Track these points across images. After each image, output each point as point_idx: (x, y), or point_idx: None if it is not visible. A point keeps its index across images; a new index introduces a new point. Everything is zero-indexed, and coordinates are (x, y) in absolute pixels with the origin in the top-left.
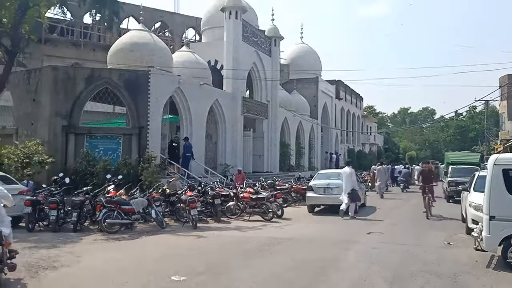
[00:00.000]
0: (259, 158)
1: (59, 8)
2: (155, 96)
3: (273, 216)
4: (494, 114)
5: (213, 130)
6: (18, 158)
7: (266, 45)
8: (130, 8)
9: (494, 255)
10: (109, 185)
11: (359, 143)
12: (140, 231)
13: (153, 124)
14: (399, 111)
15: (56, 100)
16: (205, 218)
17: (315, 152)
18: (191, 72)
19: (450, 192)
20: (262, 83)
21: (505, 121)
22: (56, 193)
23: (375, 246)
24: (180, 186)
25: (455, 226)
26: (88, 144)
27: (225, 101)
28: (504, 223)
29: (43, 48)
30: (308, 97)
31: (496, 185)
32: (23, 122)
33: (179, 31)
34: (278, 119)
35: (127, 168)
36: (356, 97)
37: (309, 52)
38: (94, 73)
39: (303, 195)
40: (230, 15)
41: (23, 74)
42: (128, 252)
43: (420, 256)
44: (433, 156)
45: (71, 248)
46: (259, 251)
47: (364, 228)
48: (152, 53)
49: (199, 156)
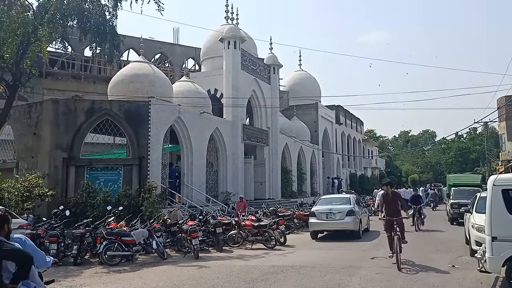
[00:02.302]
0: (261, 185)
1: (60, 43)
2: (156, 126)
3: (276, 244)
4: (494, 135)
5: (214, 158)
6: (18, 192)
7: (265, 73)
8: (130, 40)
9: (498, 276)
10: (109, 216)
11: (360, 167)
12: (141, 262)
13: (154, 154)
14: (400, 134)
15: (56, 133)
16: (207, 248)
17: (317, 177)
18: (191, 102)
19: (453, 214)
20: (262, 110)
21: (505, 141)
22: (57, 226)
23: (379, 271)
24: (181, 215)
25: (459, 248)
26: (88, 175)
27: (225, 129)
28: (506, 243)
29: (44, 82)
30: (309, 122)
31: (496, 205)
32: (24, 155)
33: (179, 61)
34: (279, 145)
35: (127, 199)
36: (356, 121)
37: (308, 79)
38: (94, 105)
39: (306, 221)
40: (229, 45)
41: (24, 108)
42: (128, 285)
43: (425, 280)
44: (435, 179)
45: (71, 282)
46: (262, 280)
47: (368, 253)
48: (152, 84)
49: (200, 185)
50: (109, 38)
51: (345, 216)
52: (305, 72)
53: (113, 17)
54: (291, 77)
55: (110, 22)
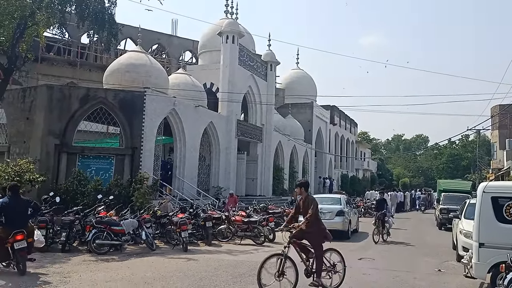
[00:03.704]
0: (252, 181)
1: (57, 29)
2: (150, 117)
3: (264, 240)
4: (486, 143)
5: (207, 152)
6: (8, 176)
7: (262, 69)
8: (128, 29)
9: (483, 282)
10: (99, 205)
11: (352, 168)
12: (129, 252)
13: (147, 145)
14: (393, 138)
15: (49, 119)
16: (196, 241)
17: (309, 176)
18: (186, 94)
19: (442, 219)
20: (257, 106)
21: (497, 150)
22: (46, 212)
23: (366, 272)
24: (171, 208)
25: (446, 253)
26: (80, 163)
27: (219, 123)
28: (493, 250)
29: (39, 67)
30: (303, 121)
31: (485, 212)
32: (16, 140)
33: (176, 53)
34: (272, 142)
35: (118, 189)
36: (350, 123)
37: (304, 77)
38: (89, 92)
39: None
40: (227, 39)
41: (18, 92)
42: (116, 274)
43: (411, 283)
44: (426, 184)
45: (59, 269)
46: (250, 276)
47: (356, 254)
48: (149, 74)
49: (192, 178)
50: (107, 26)
51: (334, 216)
52: (302, 71)
53: (112, 5)
54: (288, 75)
55: (109, 10)
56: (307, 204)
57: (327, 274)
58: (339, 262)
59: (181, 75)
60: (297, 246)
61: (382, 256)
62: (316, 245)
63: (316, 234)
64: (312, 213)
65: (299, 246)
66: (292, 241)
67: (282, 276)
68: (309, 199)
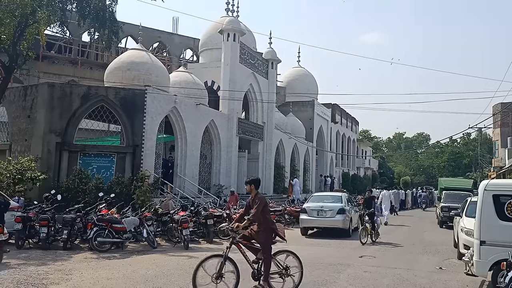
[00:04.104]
0: None
1: (58, 27)
2: (151, 115)
3: None
4: (487, 141)
5: (208, 150)
6: (10, 174)
7: (263, 67)
8: (129, 27)
9: (484, 280)
10: (101, 203)
11: (354, 167)
12: (131, 250)
13: (148, 143)
14: (394, 136)
15: (51, 117)
16: (197, 239)
17: (310, 175)
18: (187, 92)
19: (443, 217)
20: (258, 104)
21: (499, 148)
22: (47, 210)
23: (367, 270)
24: (173, 205)
25: (447, 251)
26: (81, 161)
27: (220, 121)
28: (494, 248)
29: (40, 65)
30: (304, 119)
31: (487, 210)
32: (17, 138)
33: (177, 51)
34: (273, 141)
35: (119, 187)
36: (351, 121)
37: (306, 76)
38: (90, 90)
39: (297, 218)
40: (228, 37)
41: (19, 90)
42: (118, 271)
43: (411, 280)
44: (427, 182)
45: (60, 266)
46: (249, 274)
47: (357, 251)
48: (149, 72)
49: (193, 176)
50: (108, 24)
51: (336, 214)
52: (303, 69)
53: (113, 2)
54: (289, 73)
55: (110, 7)
56: (255, 202)
57: (279, 277)
58: (295, 266)
59: (182, 73)
60: (244, 247)
61: (383, 254)
62: (264, 245)
63: (264, 234)
64: (254, 213)
65: (246, 247)
66: (235, 242)
67: (220, 279)
68: (258, 197)
